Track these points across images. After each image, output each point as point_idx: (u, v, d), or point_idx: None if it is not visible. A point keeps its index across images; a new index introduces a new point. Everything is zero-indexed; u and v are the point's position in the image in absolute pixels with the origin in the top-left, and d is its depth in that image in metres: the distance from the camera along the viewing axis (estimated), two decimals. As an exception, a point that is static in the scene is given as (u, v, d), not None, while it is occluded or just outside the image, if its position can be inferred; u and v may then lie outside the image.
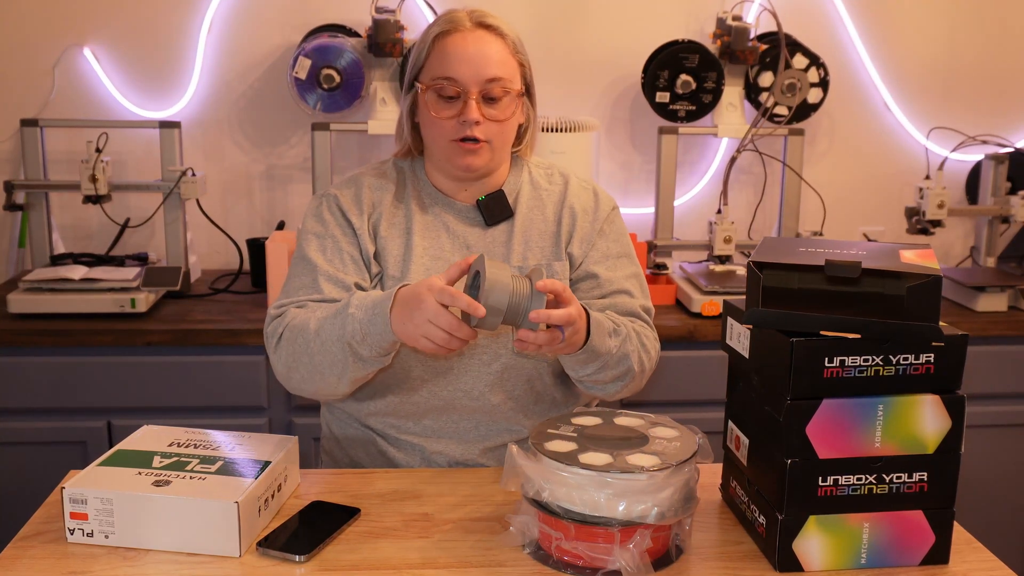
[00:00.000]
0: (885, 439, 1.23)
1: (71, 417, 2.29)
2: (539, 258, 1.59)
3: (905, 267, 1.21)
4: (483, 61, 1.51)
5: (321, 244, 1.56)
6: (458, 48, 1.51)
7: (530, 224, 1.61)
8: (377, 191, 1.60)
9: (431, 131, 1.55)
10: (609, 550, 1.21)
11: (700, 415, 1.93)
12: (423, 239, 1.58)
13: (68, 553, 1.27)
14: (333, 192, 1.61)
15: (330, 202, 1.59)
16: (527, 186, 1.64)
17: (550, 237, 1.61)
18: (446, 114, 1.51)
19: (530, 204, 1.63)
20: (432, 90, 1.52)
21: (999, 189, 2.68)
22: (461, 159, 1.53)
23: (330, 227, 1.57)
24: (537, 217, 1.62)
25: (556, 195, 1.64)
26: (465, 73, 1.50)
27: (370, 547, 1.30)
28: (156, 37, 2.70)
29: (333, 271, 1.54)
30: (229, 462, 1.35)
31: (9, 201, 2.49)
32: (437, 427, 1.59)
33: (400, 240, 1.58)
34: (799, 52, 2.64)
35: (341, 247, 1.56)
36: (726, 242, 2.58)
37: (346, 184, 1.62)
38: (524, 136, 1.63)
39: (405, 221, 1.59)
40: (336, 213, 1.58)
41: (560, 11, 2.78)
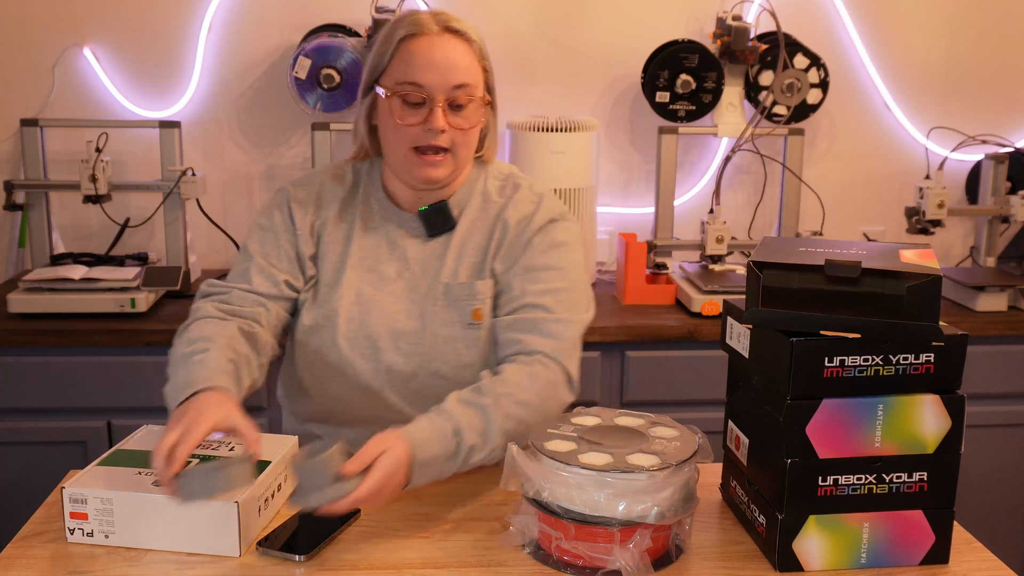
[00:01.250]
0: (885, 439, 1.23)
1: (71, 417, 2.29)
2: (467, 275, 1.53)
3: (905, 267, 1.21)
4: (450, 68, 1.46)
5: (263, 237, 1.56)
6: (424, 53, 1.46)
7: (467, 238, 1.56)
8: (329, 194, 1.59)
9: (392, 137, 1.50)
10: (609, 550, 1.21)
11: (700, 415, 1.92)
12: (360, 248, 1.56)
13: (68, 553, 1.27)
14: (289, 188, 1.61)
15: (283, 197, 1.59)
16: (478, 197, 1.58)
17: (480, 252, 1.55)
18: (410, 121, 1.47)
19: (475, 216, 1.57)
20: (396, 96, 1.47)
21: (999, 189, 2.68)
22: (422, 171, 1.49)
23: (275, 222, 1.57)
24: (476, 231, 1.56)
25: (498, 207, 1.57)
26: (432, 80, 1.45)
27: (370, 547, 1.30)
28: (156, 37, 2.70)
29: (266, 265, 1.53)
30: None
31: (9, 201, 2.49)
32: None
33: (339, 247, 1.56)
34: (800, 52, 2.64)
35: (280, 243, 1.55)
36: (718, 242, 2.57)
37: (303, 183, 1.61)
38: (485, 140, 1.58)
39: (347, 229, 1.57)
40: (284, 210, 1.57)
41: (560, 11, 2.78)
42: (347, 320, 1.53)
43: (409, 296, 1.54)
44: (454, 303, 1.52)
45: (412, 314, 1.53)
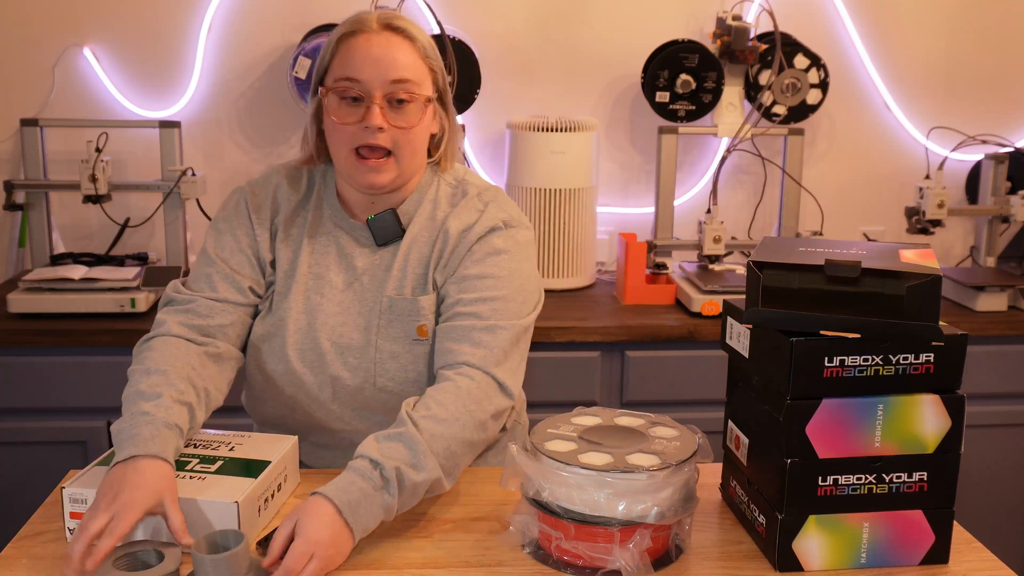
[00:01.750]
0: (885, 439, 1.23)
1: (71, 417, 2.29)
2: (412, 288, 1.50)
3: (905, 267, 1.21)
4: (388, 63, 1.42)
5: (221, 240, 1.52)
6: (362, 49, 1.42)
7: (412, 249, 1.51)
8: (284, 195, 1.55)
9: (333, 138, 1.46)
10: (609, 550, 1.21)
11: (700, 415, 1.92)
12: (311, 255, 1.52)
13: (68, 553, 1.27)
14: (246, 189, 1.57)
15: (240, 198, 1.55)
16: (428, 205, 1.53)
17: (423, 264, 1.51)
18: (349, 119, 1.43)
19: (422, 225, 1.52)
20: (335, 93, 1.43)
21: (999, 189, 2.68)
22: (364, 177, 1.45)
23: (233, 223, 1.53)
24: (422, 242, 1.51)
25: (451, 221, 1.51)
26: (369, 75, 1.41)
27: (370, 547, 1.30)
28: (156, 37, 2.70)
29: (229, 271, 1.50)
30: (229, 462, 1.35)
31: (9, 201, 2.49)
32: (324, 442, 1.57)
33: (290, 253, 1.53)
34: (800, 52, 2.64)
35: (241, 245, 1.52)
36: (715, 241, 2.57)
37: (261, 182, 1.58)
38: (440, 146, 1.54)
39: (298, 235, 1.54)
40: (243, 210, 1.54)
41: (560, 11, 2.78)
42: (295, 330, 1.50)
43: (356, 308, 1.51)
44: (398, 318, 1.48)
45: (358, 327, 1.50)
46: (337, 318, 1.50)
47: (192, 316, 1.47)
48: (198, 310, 1.47)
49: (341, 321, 1.50)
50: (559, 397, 2.33)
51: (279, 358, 1.50)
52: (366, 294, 1.51)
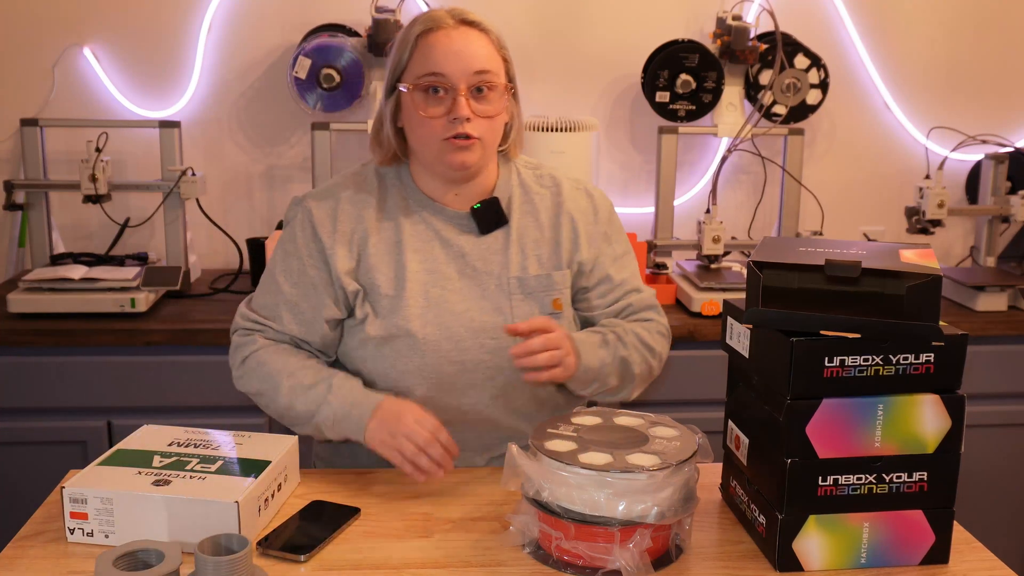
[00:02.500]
0: (885, 439, 1.23)
1: (71, 417, 2.29)
2: (537, 267, 1.56)
3: (905, 267, 1.21)
4: (470, 56, 1.47)
5: (288, 265, 1.55)
6: (443, 44, 1.47)
7: (524, 232, 1.58)
8: (357, 205, 1.55)
9: (420, 132, 1.50)
10: (609, 550, 1.21)
11: (700, 415, 1.92)
12: (416, 252, 1.53)
13: (68, 553, 1.27)
14: (309, 204, 1.56)
15: (304, 215, 1.56)
16: (518, 190, 1.60)
17: (548, 245, 1.58)
18: (435, 112, 1.47)
19: (523, 210, 1.59)
20: (419, 89, 1.48)
21: (999, 189, 2.68)
22: (454, 156, 1.48)
23: (299, 244, 1.55)
24: (531, 224, 1.59)
25: (549, 200, 1.61)
26: (453, 68, 1.46)
27: (370, 547, 1.30)
28: (156, 37, 2.70)
29: (296, 301, 1.53)
30: (229, 462, 1.36)
31: (9, 201, 2.49)
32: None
33: (391, 257, 1.53)
34: (801, 52, 2.64)
35: (306, 271, 1.53)
36: (715, 242, 2.57)
37: (323, 195, 1.57)
38: (510, 134, 1.59)
39: (394, 235, 1.54)
40: (307, 229, 1.55)
41: (560, 11, 2.78)
42: (423, 325, 1.50)
43: (478, 292, 1.53)
44: (531, 295, 1.54)
45: (487, 310, 1.53)
46: (462, 305, 1.52)
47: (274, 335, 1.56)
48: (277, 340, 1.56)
49: (467, 307, 1.52)
50: (559, 397, 2.33)
51: (409, 355, 1.50)
52: (484, 278, 1.54)
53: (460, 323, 1.51)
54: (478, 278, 1.54)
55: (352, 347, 1.55)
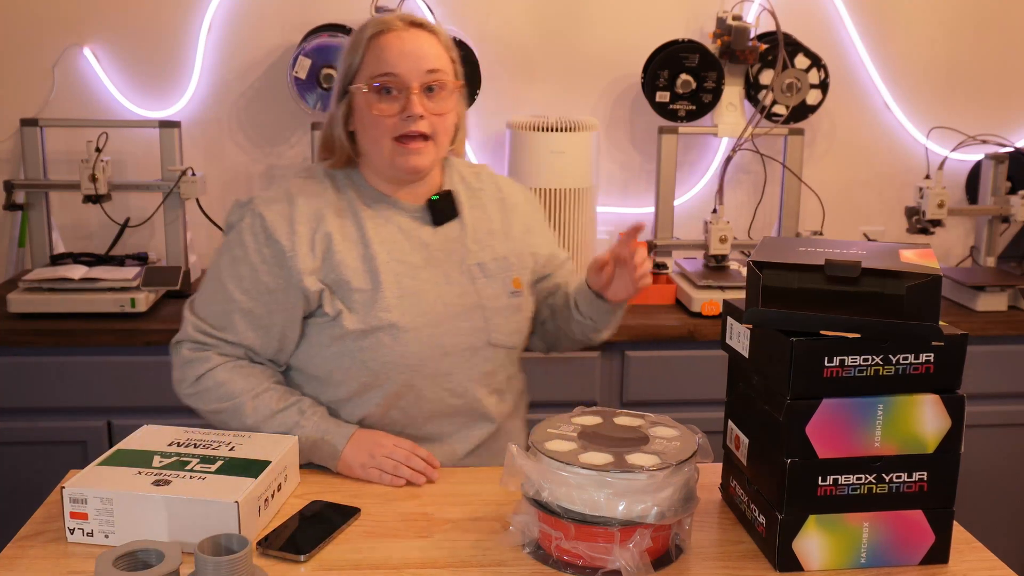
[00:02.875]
0: (885, 439, 1.23)
1: (71, 417, 2.29)
2: (493, 253, 1.62)
3: (905, 267, 1.21)
4: (421, 56, 1.52)
5: (237, 271, 1.53)
6: (395, 45, 1.51)
7: (476, 223, 1.64)
8: (313, 204, 1.55)
9: (372, 132, 1.53)
10: (609, 550, 1.21)
11: (700, 415, 1.92)
12: (382, 245, 1.55)
13: (68, 553, 1.27)
14: (259, 209, 1.54)
15: (254, 219, 1.53)
16: (460, 186, 1.66)
17: (499, 234, 1.65)
18: (389, 111, 1.51)
19: (471, 203, 1.65)
20: (372, 89, 1.51)
21: (999, 189, 2.68)
22: (406, 160, 1.53)
23: (249, 250, 1.52)
24: (480, 216, 1.65)
25: (492, 193, 1.69)
26: (405, 68, 1.50)
27: (370, 547, 1.30)
28: (156, 37, 2.70)
29: (249, 307, 1.52)
30: (229, 462, 1.36)
31: (9, 201, 2.49)
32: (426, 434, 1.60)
33: (358, 251, 1.54)
34: (801, 52, 2.64)
35: (259, 276, 1.51)
36: (722, 242, 2.57)
37: (273, 199, 1.55)
38: (456, 136, 1.64)
39: (356, 230, 1.55)
40: (259, 234, 1.52)
41: (560, 11, 2.78)
42: (402, 314, 1.53)
43: (444, 279, 1.58)
44: (492, 277, 1.61)
45: (456, 294, 1.57)
46: (434, 292, 1.56)
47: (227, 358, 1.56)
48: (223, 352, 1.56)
49: (439, 293, 1.56)
50: (559, 397, 2.33)
51: (392, 344, 1.52)
52: (448, 266, 1.59)
53: (435, 309, 1.55)
54: (442, 266, 1.58)
55: (321, 345, 1.54)
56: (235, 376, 1.52)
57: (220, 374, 1.52)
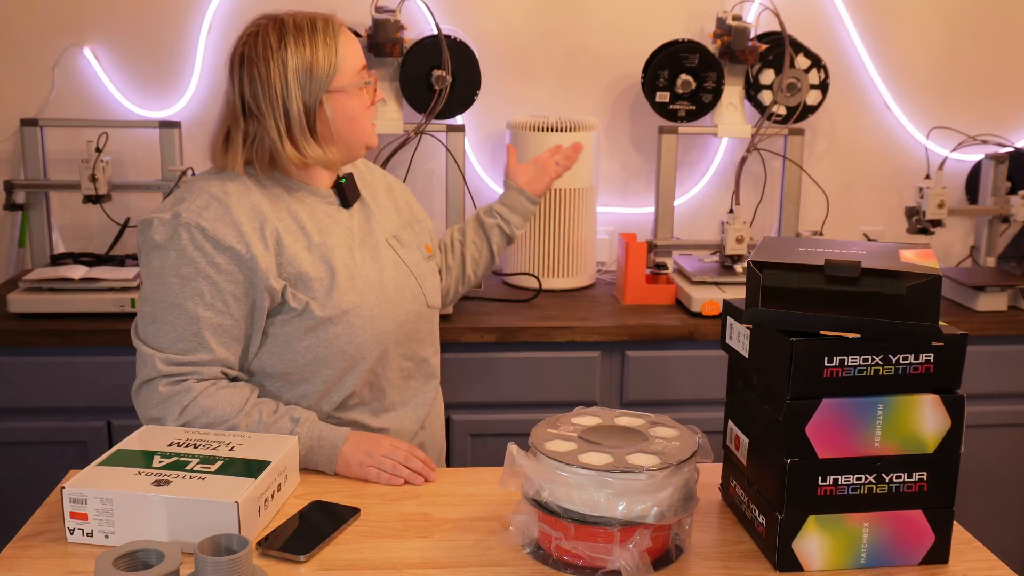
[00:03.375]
0: (885, 439, 1.23)
1: (71, 417, 2.29)
2: (400, 227, 1.71)
3: (905, 267, 1.21)
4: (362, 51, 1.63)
5: (195, 289, 1.46)
6: (353, 44, 1.59)
7: (375, 201, 1.71)
8: (246, 204, 1.52)
9: (360, 123, 1.59)
10: (609, 550, 1.21)
11: (700, 415, 1.92)
12: (319, 233, 1.57)
13: (68, 553, 1.27)
14: (194, 221, 1.47)
15: (192, 233, 1.46)
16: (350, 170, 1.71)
17: (394, 209, 1.74)
18: (368, 101, 1.61)
19: (362, 185, 1.71)
20: (358, 85, 1.58)
21: (999, 189, 2.68)
22: (374, 139, 1.64)
23: (201, 266, 1.46)
24: (371, 195, 1.72)
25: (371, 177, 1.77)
26: (366, 62, 1.62)
27: (370, 547, 1.30)
28: (156, 37, 2.70)
29: (219, 321, 1.47)
30: (229, 462, 1.36)
31: (9, 201, 2.49)
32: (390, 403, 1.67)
33: (304, 242, 1.54)
34: (802, 53, 2.64)
35: (221, 288, 1.47)
36: (738, 242, 2.57)
37: (204, 206, 1.49)
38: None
39: (293, 222, 1.55)
40: (203, 245, 1.46)
41: (560, 10, 2.78)
42: (361, 295, 1.57)
43: (375, 255, 1.63)
44: (408, 247, 1.70)
45: (390, 266, 1.65)
46: (375, 269, 1.62)
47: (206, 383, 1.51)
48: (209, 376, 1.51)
49: (378, 268, 1.62)
50: (559, 397, 2.34)
51: (362, 324, 1.56)
52: (372, 242, 1.65)
53: (381, 285, 1.61)
54: (367, 244, 1.63)
55: (293, 340, 1.53)
56: (219, 400, 1.48)
57: (204, 401, 1.47)
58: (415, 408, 1.70)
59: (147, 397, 1.49)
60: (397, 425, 1.65)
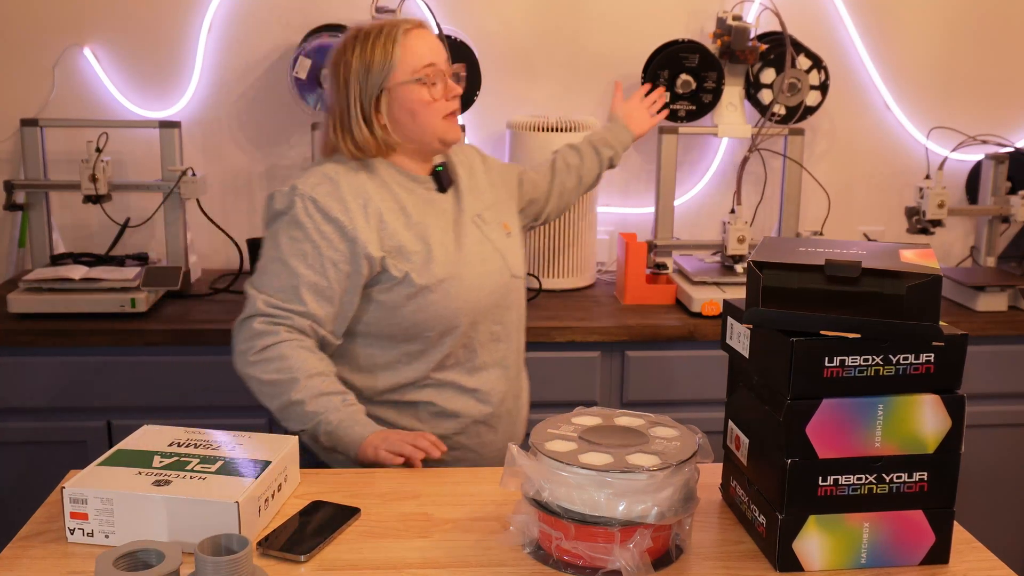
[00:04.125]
0: (885, 439, 1.23)
1: (71, 417, 2.29)
2: (484, 206, 1.84)
3: (905, 267, 1.21)
4: (440, 49, 1.76)
5: (299, 248, 1.66)
6: (423, 42, 1.73)
7: (468, 183, 1.86)
8: (354, 183, 1.71)
9: (424, 116, 1.72)
10: (609, 550, 1.21)
11: (700, 415, 1.92)
12: (416, 209, 1.75)
13: (68, 553, 1.27)
14: (308, 193, 1.68)
15: (306, 203, 1.67)
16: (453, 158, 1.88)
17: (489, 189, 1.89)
18: (437, 95, 1.73)
19: (461, 168, 1.87)
20: (419, 81, 1.71)
21: (999, 189, 2.68)
22: (455, 134, 1.77)
23: (309, 232, 1.66)
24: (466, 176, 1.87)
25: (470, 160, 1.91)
26: (437, 58, 1.74)
27: (370, 547, 1.30)
28: (156, 37, 2.70)
29: (315, 280, 1.65)
30: (229, 462, 1.36)
31: (9, 201, 2.49)
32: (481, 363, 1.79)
33: (403, 219, 1.72)
34: (803, 53, 2.64)
35: (322, 252, 1.65)
36: (740, 242, 2.57)
37: (318, 182, 1.70)
38: None
39: (394, 202, 1.73)
40: (315, 214, 1.66)
41: (560, 10, 2.78)
42: (456, 266, 1.73)
43: (465, 233, 1.78)
44: (489, 224, 1.83)
45: (476, 242, 1.79)
46: (466, 244, 1.76)
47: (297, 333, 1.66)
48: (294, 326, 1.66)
49: (469, 244, 1.77)
50: (559, 397, 2.33)
51: (457, 292, 1.71)
52: (461, 223, 1.79)
53: (472, 258, 1.76)
54: (458, 222, 1.79)
55: (396, 306, 1.70)
56: (297, 354, 1.64)
57: (285, 348, 1.63)
58: (503, 369, 1.81)
59: (241, 331, 1.68)
60: (488, 385, 1.78)
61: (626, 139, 2.24)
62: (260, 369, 1.64)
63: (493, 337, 1.79)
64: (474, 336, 1.76)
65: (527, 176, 2.06)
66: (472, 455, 1.79)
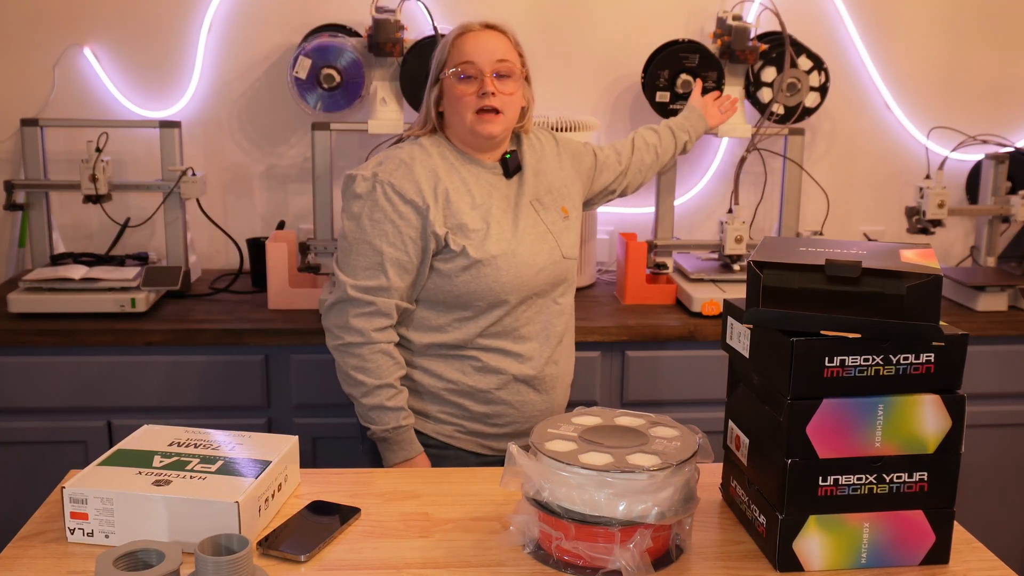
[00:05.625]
0: (885, 439, 1.23)
1: (71, 417, 2.29)
2: (546, 191, 1.96)
3: (905, 267, 1.21)
4: (492, 48, 1.88)
5: (381, 230, 1.82)
6: (472, 41, 1.88)
7: (536, 168, 1.98)
8: (427, 167, 1.87)
9: (457, 109, 1.87)
10: (609, 550, 1.21)
11: (700, 415, 1.93)
12: (479, 190, 1.89)
13: (68, 553, 1.27)
14: (387, 178, 1.84)
15: (384, 188, 1.83)
16: (526, 146, 2.01)
17: (558, 171, 2.02)
18: (468, 91, 1.86)
19: (531, 153, 2.00)
20: (456, 75, 1.86)
21: (999, 189, 2.68)
22: (483, 128, 1.87)
23: (387, 213, 1.83)
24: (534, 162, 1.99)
25: (547, 141, 2.05)
26: (479, 58, 1.86)
27: (370, 547, 1.30)
28: (156, 37, 2.70)
29: (397, 256, 1.82)
30: (229, 462, 1.36)
31: (9, 201, 2.49)
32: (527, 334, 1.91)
33: (468, 199, 1.87)
34: (804, 54, 2.64)
35: (402, 231, 1.82)
36: (737, 242, 2.58)
37: (394, 168, 1.86)
38: (525, 116, 1.99)
39: (461, 183, 1.88)
40: (393, 198, 1.83)
41: (560, 11, 2.78)
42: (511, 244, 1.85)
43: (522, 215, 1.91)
44: (547, 208, 1.95)
45: (531, 224, 1.91)
46: (522, 226, 1.89)
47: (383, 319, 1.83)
48: (384, 310, 1.82)
49: (523, 226, 1.90)
50: (559, 397, 2.33)
51: (508, 268, 1.84)
52: (519, 206, 1.92)
53: (527, 240, 1.88)
54: (519, 204, 1.93)
55: (453, 276, 1.84)
56: (376, 360, 1.82)
57: (367, 352, 1.82)
58: (546, 339, 1.91)
59: (337, 316, 1.83)
60: (532, 352, 1.89)
61: (700, 127, 2.37)
62: (343, 360, 1.83)
63: (538, 310, 1.91)
64: (523, 308, 1.88)
65: (604, 153, 2.19)
66: (513, 412, 1.89)
